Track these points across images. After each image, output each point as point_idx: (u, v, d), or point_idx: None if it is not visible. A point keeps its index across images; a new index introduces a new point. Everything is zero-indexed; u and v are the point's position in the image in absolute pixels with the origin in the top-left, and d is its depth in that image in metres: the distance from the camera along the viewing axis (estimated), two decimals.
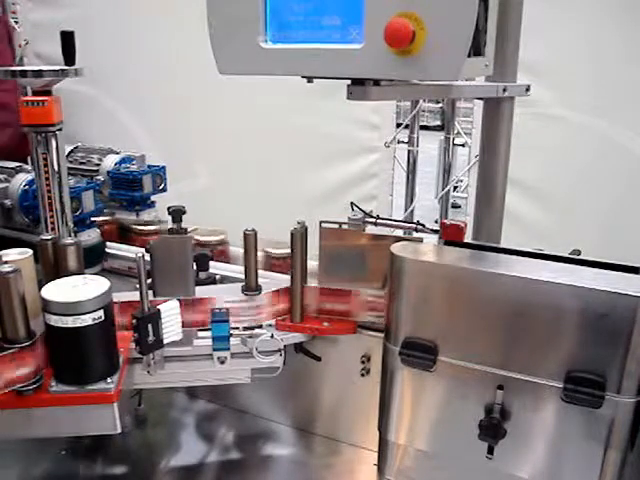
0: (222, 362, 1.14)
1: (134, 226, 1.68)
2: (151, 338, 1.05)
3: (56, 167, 1.24)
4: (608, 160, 1.95)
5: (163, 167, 1.78)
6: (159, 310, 1.05)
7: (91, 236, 1.50)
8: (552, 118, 1.98)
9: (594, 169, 1.98)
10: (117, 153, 1.83)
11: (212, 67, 0.87)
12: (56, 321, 0.94)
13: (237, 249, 1.49)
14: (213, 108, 2.39)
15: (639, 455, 0.97)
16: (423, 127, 3.10)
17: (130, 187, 1.71)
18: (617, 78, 1.87)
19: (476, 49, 0.82)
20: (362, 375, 1.21)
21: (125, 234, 1.67)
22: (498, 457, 0.95)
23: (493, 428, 0.92)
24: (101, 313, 0.96)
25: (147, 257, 1.07)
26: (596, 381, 0.85)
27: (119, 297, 1.09)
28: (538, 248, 0.97)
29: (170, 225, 1.31)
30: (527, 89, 1.09)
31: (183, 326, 1.10)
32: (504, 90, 1.05)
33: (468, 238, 1.07)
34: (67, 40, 1.18)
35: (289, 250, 1.13)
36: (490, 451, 0.96)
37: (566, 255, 0.96)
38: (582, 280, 0.85)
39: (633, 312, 0.82)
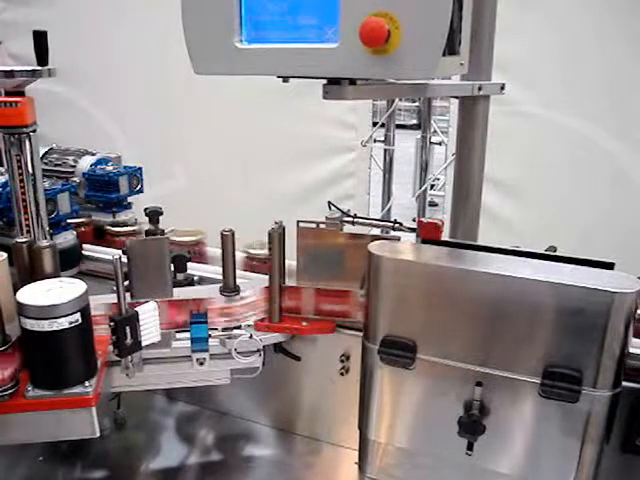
0: (201, 363, 1.13)
1: (109, 227, 1.67)
2: (129, 340, 1.04)
3: (30, 169, 1.22)
4: (583, 157, 1.97)
5: (139, 168, 1.76)
6: (137, 312, 1.05)
7: (67, 238, 1.48)
8: (528, 116, 2.00)
9: (569, 166, 2.00)
10: (93, 154, 1.81)
11: (188, 67, 0.87)
12: (32, 325, 0.93)
13: (215, 250, 1.48)
14: (190, 108, 2.38)
15: (615, 447, 0.98)
16: (400, 126, 3.12)
17: (106, 189, 1.69)
18: (592, 76, 1.89)
19: (451, 48, 0.83)
20: (341, 374, 1.21)
21: (100, 236, 1.66)
22: (478, 453, 0.96)
23: (472, 424, 0.93)
24: (78, 316, 0.95)
25: (124, 259, 1.07)
26: (573, 376, 0.86)
27: (96, 300, 1.08)
28: (515, 245, 0.98)
29: (147, 226, 1.30)
30: (502, 87, 1.09)
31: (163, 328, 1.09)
32: (479, 89, 1.06)
33: (445, 236, 1.08)
34: (40, 40, 1.16)
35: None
36: (470, 447, 0.96)
37: (542, 252, 0.97)
38: (558, 276, 0.86)
39: (608, 307, 0.83)
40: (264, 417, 1.36)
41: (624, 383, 0.89)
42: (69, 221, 1.53)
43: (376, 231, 1.16)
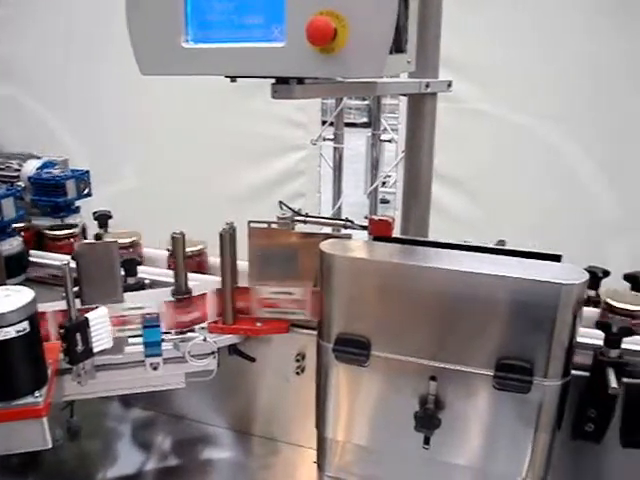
0: (155, 368, 1.12)
1: (47, 232, 1.61)
2: (80, 347, 1.02)
3: None
4: (531, 152, 2.01)
5: (87, 171, 1.73)
6: (87, 318, 1.03)
7: (13, 245, 1.44)
8: (477, 113, 2.03)
9: (517, 162, 2.04)
10: (38, 158, 1.76)
11: (136, 66, 0.85)
12: None
13: (154, 251, 1.47)
14: (139, 109, 2.34)
15: (566, 434, 1.01)
16: (351, 124, 3.13)
17: (53, 193, 1.65)
18: (539, 73, 1.93)
19: (398, 46, 0.83)
20: (297, 374, 1.21)
21: (42, 241, 1.61)
22: (435, 447, 0.97)
23: (428, 419, 0.94)
24: (26, 325, 0.93)
25: (73, 264, 1.04)
26: (524, 367, 0.88)
27: (45, 307, 1.06)
28: (465, 240, 0.99)
29: (97, 230, 1.28)
30: (449, 85, 1.11)
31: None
32: (427, 86, 1.07)
33: (397, 233, 1.09)
34: None
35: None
36: (426, 441, 0.97)
37: (492, 246, 0.99)
38: (508, 270, 0.87)
39: (556, 299, 0.85)
40: (221, 419, 1.35)
41: (573, 372, 0.91)
42: (14, 226, 1.49)
43: (328, 230, 1.16)
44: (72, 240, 1.56)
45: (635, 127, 1.88)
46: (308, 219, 1.10)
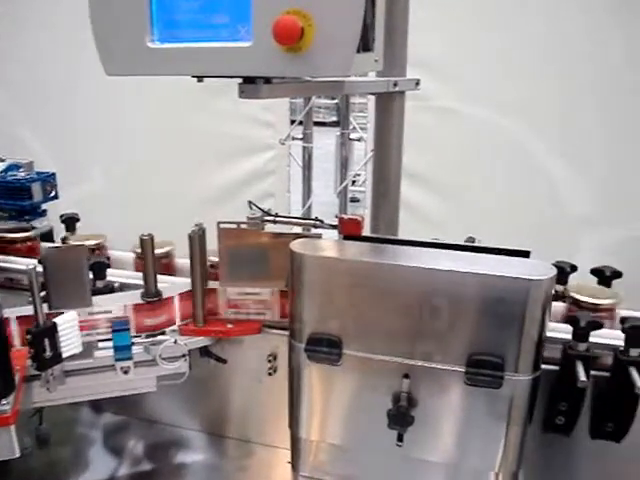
0: (125, 372, 1.11)
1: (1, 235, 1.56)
2: (48, 353, 1.00)
3: None
4: (499, 149, 2.03)
5: (53, 174, 1.70)
6: (55, 323, 1.01)
7: None
8: (445, 111, 2.05)
9: (486, 159, 2.06)
10: (2, 160, 1.73)
11: (101, 66, 0.84)
12: None
13: (121, 253, 1.45)
14: (106, 110, 2.32)
15: (537, 427, 1.02)
16: (320, 123, 3.13)
17: (18, 196, 1.63)
18: (510, 71, 1.94)
19: (365, 45, 0.83)
20: (270, 374, 1.20)
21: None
22: (408, 444, 0.98)
23: (401, 416, 0.94)
24: None
25: (40, 269, 1.03)
26: (495, 363, 0.88)
27: (11, 312, 1.04)
28: (435, 238, 1.00)
29: (64, 233, 1.26)
30: (417, 83, 1.11)
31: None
32: (395, 85, 1.07)
33: (367, 231, 1.09)
34: None
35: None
36: (400, 438, 0.97)
37: (461, 243, 0.99)
38: (477, 266, 0.88)
39: (525, 294, 0.85)
40: (194, 422, 1.35)
41: (543, 366, 0.92)
42: None
43: (298, 229, 1.16)
44: (29, 243, 1.52)
45: (601, 123, 1.91)
46: (278, 219, 1.10)
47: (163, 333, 1.14)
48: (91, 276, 1.17)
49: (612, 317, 1.12)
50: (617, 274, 1.24)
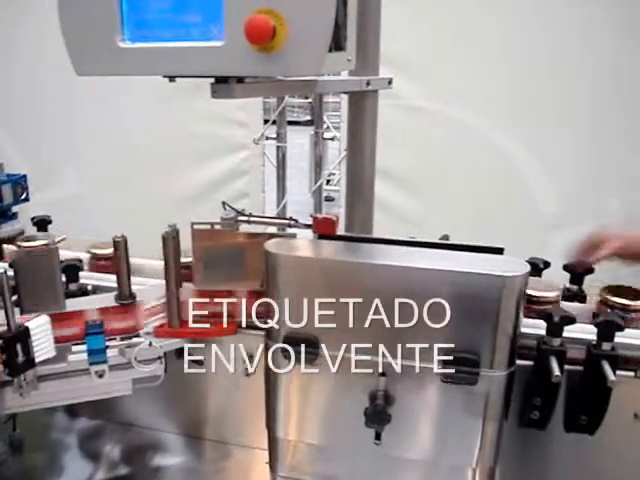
0: (100, 376, 1.09)
1: None
2: (21, 358, 0.99)
3: None
4: (472, 149, 2.05)
5: (24, 176, 1.67)
6: (27, 328, 1.00)
7: None
8: (419, 110, 2.06)
9: (459, 157, 2.08)
10: None
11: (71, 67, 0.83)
12: None
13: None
14: (79, 110, 2.30)
15: (513, 422, 1.03)
16: (294, 122, 3.13)
17: None
18: (483, 71, 1.96)
19: (337, 44, 0.83)
20: (246, 375, 1.20)
21: None
22: (386, 442, 0.98)
23: (378, 415, 0.94)
24: None
25: (11, 272, 1.01)
26: (471, 359, 0.89)
27: None
28: (410, 236, 1.00)
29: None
30: (389, 82, 1.12)
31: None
32: (367, 83, 1.08)
33: (342, 230, 1.09)
34: None
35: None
36: (377, 437, 0.98)
37: (436, 241, 1.00)
38: (452, 264, 0.89)
39: (500, 291, 0.86)
40: (171, 425, 1.33)
41: (517, 361, 0.93)
42: None
43: (272, 229, 1.15)
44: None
45: (572, 125, 1.93)
46: (252, 219, 1.10)
47: (138, 335, 1.13)
48: (64, 279, 1.15)
49: None
50: (589, 270, 1.26)
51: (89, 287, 1.25)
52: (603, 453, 1.06)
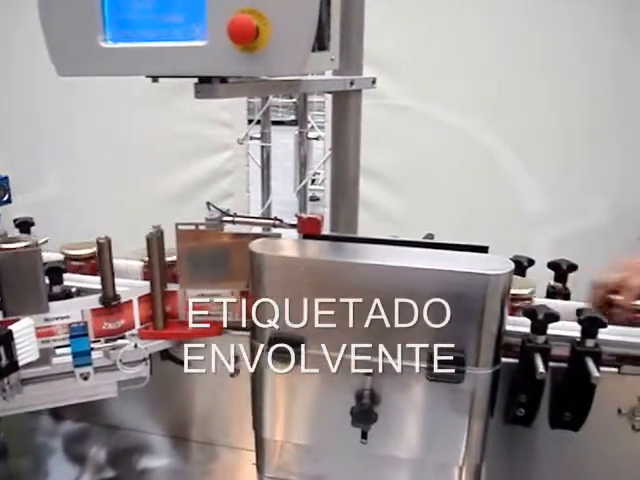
0: (85, 378, 1.09)
1: None
2: (4, 361, 0.98)
3: None
4: (456, 147, 2.06)
5: (6, 177, 1.66)
6: (10, 331, 0.99)
7: None
8: (403, 109, 2.07)
9: (443, 156, 2.08)
10: None
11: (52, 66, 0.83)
12: None
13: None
14: (61, 110, 2.28)
15: (499, 419, 1.04)
16: (279, 122, 3.13)
17: None
18: (467, 70, 1.97)
19: (321, 44, 0.83)
20: (232, 376, 1.19)
21: None
22: (373, 441, 0.98)
23: (364, 414, 0.94)
24: None
25: None
26: (457, 358, 0.89)
27: None
28: (394, 235, 1.01)
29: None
30: (373, 81, 1.12)
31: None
32: (351, 83, 1.08)
33: (327, 230, 1.09)
34: None
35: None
36: (364, 436, 0.98)
37: (420, 240, 1.00)
38: (436, 263, 0.89)
39: (484, 289, 0.86)
40: (157, 427, 1.33)
41: (503, 359, 0.94)
42: None
43: (257, 229, 1.15)
44: None
45: (554, 123, 1.95)
46: (237, 219, 1.09)
47: (123, 337, 1.12)
48: (47, 281, 1.15)
49: None
50: (573, 267, 1.27)
51: (73, 289, 1.24)
52: (587, 449, 1.07)
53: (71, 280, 1.26)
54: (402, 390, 0.95)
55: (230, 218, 1.09)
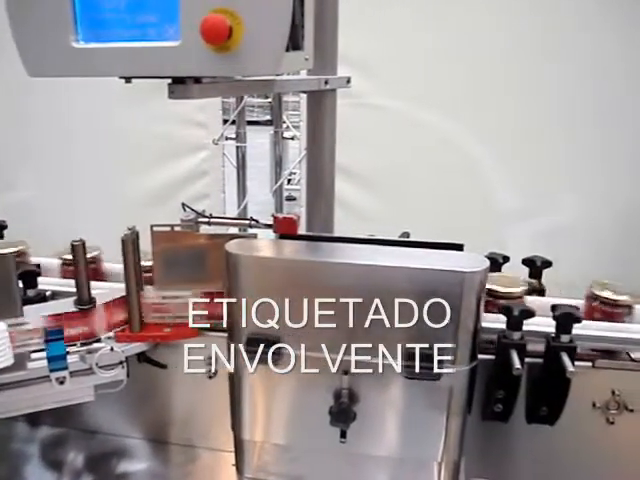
0: (61, 383, 1.07)
1: None
2: None
3: None
4: (430, 146, 2.07)
5: None
6: None
7: None
8: (377, 108, 2.07)
9: (419, 155, 2.09)
10: None
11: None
12: None
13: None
14: (33, 110, 2.25)
15: (476, 415, 1.04)
16: (254, 122, 3.13)
17: None
18: (443, 69, 1.98)
19: (294, 43, 0.83)
20: (210, 377, 1.19)
21: None
22: (352, 440, 0.98)
23: (343, 413, 0.95)
24: None
25: None
26: (433, 355, 0.90)
27: None
28: (370, 234, 1.01)
29: None
30: (348, 81, 1.12)
31: None
32: (326, 82, 1.08)
33: (303, 229, 1.09)
34: None
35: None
36: (343, 435, 0.98)
37: (396, 238, 1.01)
38: (412, 261, 0.89)
39: (460, 286, 0.87)
40: (136, 430, 1.32)
41: (479, 356, 0.95)
42: None
43: (234, 230, 1.15)
44: None
45: (529, 119, 1.96)
46: (212, 220, 1.09)
47: (99, 340, 1.12)
48: (21, 285, 1.13)
49: (631, 313, 1.13)
50: (547, 263, 1.28)
51: (47, 293, 1.23)
52: (563, 442, 1.08)
53: (47, 284, 1.25)
54: (380, 389, 0.95)
55: (206, 219, 1.09)
